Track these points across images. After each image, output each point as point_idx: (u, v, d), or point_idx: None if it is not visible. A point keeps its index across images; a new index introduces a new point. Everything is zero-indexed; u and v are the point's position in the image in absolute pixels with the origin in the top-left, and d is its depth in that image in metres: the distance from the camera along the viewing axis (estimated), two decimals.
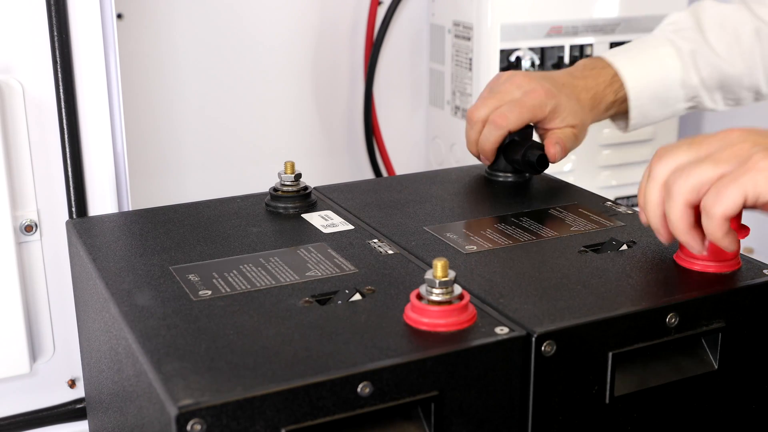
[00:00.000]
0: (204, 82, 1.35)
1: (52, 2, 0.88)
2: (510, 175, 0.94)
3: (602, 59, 1.03)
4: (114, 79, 0.94)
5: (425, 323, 0.60)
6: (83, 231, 0.80)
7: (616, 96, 1.01)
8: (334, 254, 0.74)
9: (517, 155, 0.92)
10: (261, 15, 1.36)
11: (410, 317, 0.61)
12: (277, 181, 0.87)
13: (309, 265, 0.71)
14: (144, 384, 0.57)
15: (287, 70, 1.41)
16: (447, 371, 0.57)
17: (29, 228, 0.92)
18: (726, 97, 1.08)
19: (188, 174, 1.37)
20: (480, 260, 0.72)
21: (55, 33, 0.89)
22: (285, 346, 0.58)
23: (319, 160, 1.47)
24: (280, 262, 0.72)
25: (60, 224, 0.93)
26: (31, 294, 0.94)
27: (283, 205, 0.85)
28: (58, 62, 0.90)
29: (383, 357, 0.56)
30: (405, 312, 0.62)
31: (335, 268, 0.71)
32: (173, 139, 1.35)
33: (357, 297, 0.66)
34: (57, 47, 0.89)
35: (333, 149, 1.48)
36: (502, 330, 0.60)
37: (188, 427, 0.51)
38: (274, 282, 0.68)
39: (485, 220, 0.82)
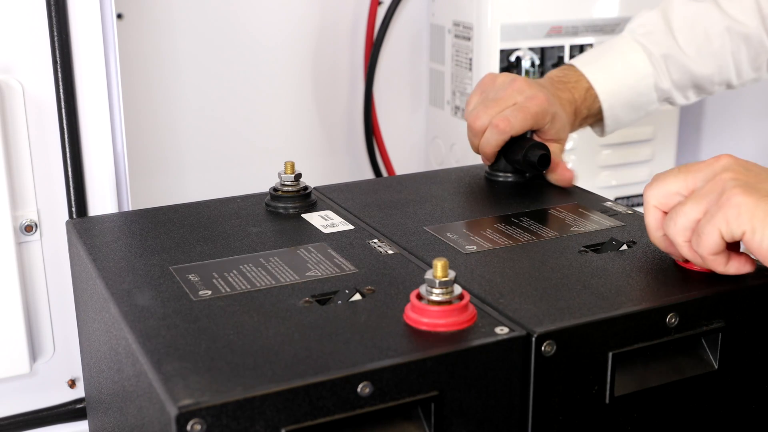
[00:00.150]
0: (204, 82, 1.35)
1: (52, 2, 0.88)
2: (510, 175, 0.94)
3: (574, 69, 1.02)
4: (114, 79, 0.94)
5: (425, 323, 0.60)
6: (83, 231, 0.80)
7: (590, 111, 1.02)
8: (334, 254, 0.74)
9: (518, 155, 0.92)
10: (261, 15, 1.36)
11: (410, 317, 0.61)
12: (277, 181, 0.86)
13: (309, 265, 0.71)
14: (144, 384, 0.57)
15: (287, 70, 1.41)
16: (447, 371, 0.57)
17: (29, 228, 0.92)
18: (698, 93, 1.10)
19: (188, 174, 1.37)
20: (480, 260, 0.72)
21: (55, 33, 0.89)
22: (285, 346, 0.58)
23: (319, 160, 1.47)
24: (280, 262, 0.72)
25: (60, 224, 0.93)
26: (31, 294, 0.94)
27: (283, 205, 0.85)
28: (58, 62, 0.90)
29: (383, 357, 0.56)
30: (405, 312, 0.62)
31: (335, 268, 0.71)
32: (173, 139, 1.35)
33: (357, 297, 0.66)
34: (57, 47, 0.89)
35: (333, 149, 1.48)
36: (502, 330, 0.60)
37: (188, 427, 0.51)
38: (274, 282, 0.68)
39: (485, 220, 0.82)
